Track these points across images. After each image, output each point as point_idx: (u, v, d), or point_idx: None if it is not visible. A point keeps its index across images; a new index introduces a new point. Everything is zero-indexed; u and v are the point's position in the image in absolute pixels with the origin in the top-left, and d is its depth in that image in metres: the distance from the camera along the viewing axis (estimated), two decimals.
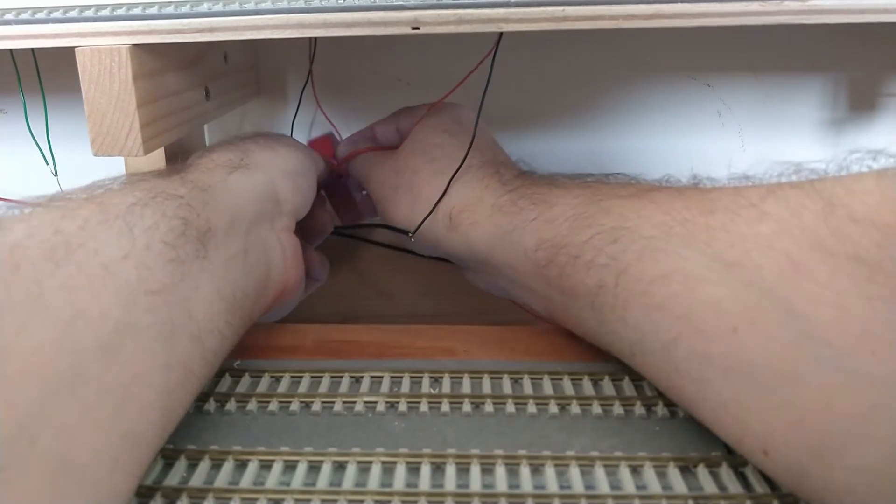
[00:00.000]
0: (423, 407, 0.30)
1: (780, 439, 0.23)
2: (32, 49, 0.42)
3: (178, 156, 0.40)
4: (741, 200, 0.26)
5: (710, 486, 0.25)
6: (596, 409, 0.30)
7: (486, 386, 0.32)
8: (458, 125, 0.41)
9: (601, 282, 0.29)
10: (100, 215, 0.25)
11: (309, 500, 0.25)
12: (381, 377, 0.32)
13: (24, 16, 0.35)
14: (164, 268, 0.26)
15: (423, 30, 0.33)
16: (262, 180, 0.35)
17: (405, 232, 0.45)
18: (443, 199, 0.38)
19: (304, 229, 0.44)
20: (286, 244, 0.36)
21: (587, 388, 0.31)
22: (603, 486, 0.25)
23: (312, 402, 0.30)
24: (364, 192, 0.47)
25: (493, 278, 0.37)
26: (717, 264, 0.25)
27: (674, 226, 0.27)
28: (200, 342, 0.27)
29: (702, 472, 0.26)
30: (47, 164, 0.50)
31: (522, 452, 0.27)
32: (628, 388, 0.31)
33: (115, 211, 0.26)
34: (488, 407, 0.30)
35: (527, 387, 0.31)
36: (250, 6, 0.34)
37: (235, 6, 0.34)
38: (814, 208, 0.24)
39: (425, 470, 0.26)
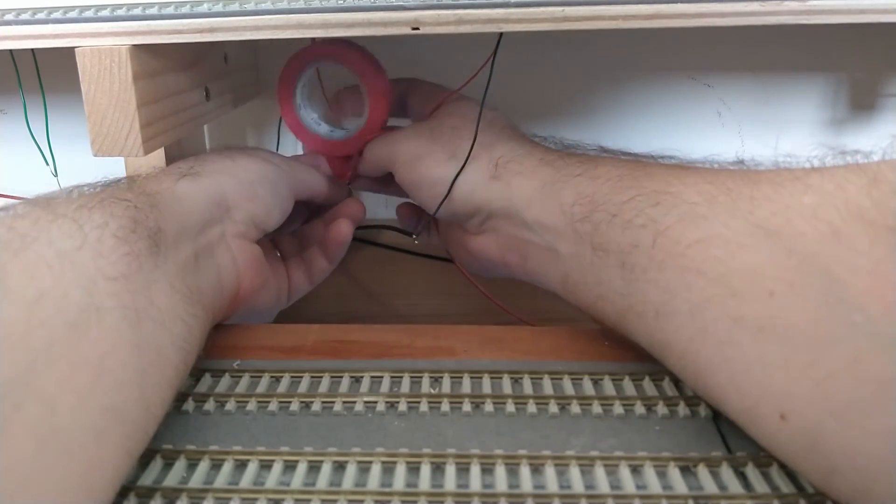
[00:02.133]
0: (423, 407, 0.30)
1: (802, 399, 0.23)
2: (32, 49, 0.42)
3: (178, 157, 0.40)
4: (786, 174, 0.27)
5: (710, 486, 0.25)
6: (596, 408, 0.30)
7: (486, 386, 0.32)
8: (493, 107, 0.42)
9: (637, 241, 0.30)
10: (49, 215, 0.26)
11: (309, 500, 0.25)
12: (381, 377, 0.32)
13: (24, 16, 0.35)
14: (120, 259, 0.26)
15: (423, 30, 0.33)
16: (211, 186, 0.36)
17: (409, 234, 0.45)
18: (490, 149, 0.38)
19: (319, 240, 0.45)
20: (237, 250, 0.36)
21: (587, 387, 0.31)
22: (603, 485, 0.25)
23: (312, 402, 0.30)
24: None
25: (509, 244, 0.38)
26: (759, 231, 0.26)
27: (717, 194, 0.28)
28: (166, 327, 0.27)
29: (702, 472, 0.26)
30: (47, 164, 0.50)
31: (522, 452, 0.27)
32: (628, 387, 0.31)
33: (63, 211, 0.27)
34: (488, 407, 0.30)
35: (527, 387, 0.31)
36: (250, 6, 0.34)
37: (235, 6, 0.35)
38: (858, 183, 0.24)
39: (425, 470, 0.26)
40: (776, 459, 0.26)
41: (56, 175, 0.50)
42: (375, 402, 0.30)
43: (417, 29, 0.33)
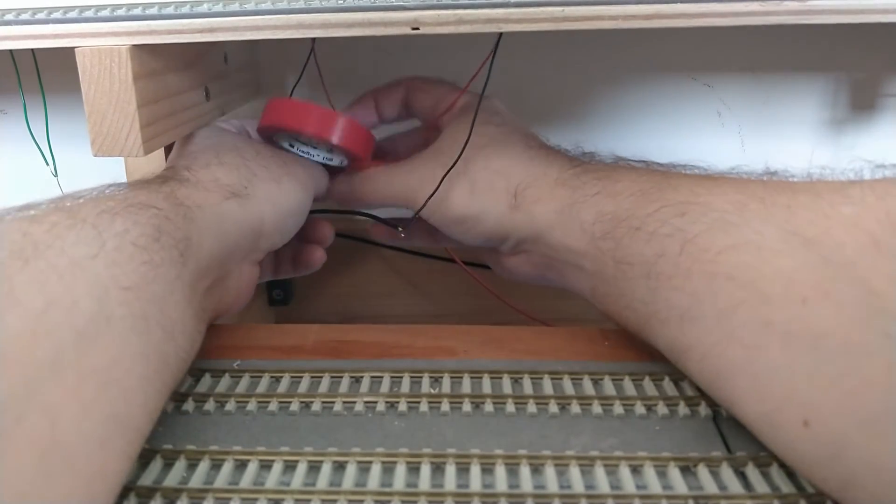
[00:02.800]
0: (423, 407, 0.30)
1: (828, 409, 0.23)
2: (32, 49, 0.42)
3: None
4: (823, 185, 0.27)
5: (710, 486, 0.25)
6: (596, 408, 0.30)
7: (486, 386, 0.32)
8: (499, 115, 0.41)
9: (662, 251, 0.29)
10: (68, 220, 0.26)
11: (309, 500, 0.25)
12: (381, 377, 0.32)
13: (25, 16, 0.35)
14: (137, 269, 0.26)
15: (423, 30, 0.33)
16: (254, 215, 0.35)
17: (396, 227, 0.45)
18: (507, 177, 0.37)
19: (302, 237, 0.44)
20: (246, 274, 0.37)
21: (587, 387, 0.31)
22: (603, 485, 0.25)
23: (312, 402, 0.30)
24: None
25: (542, 262, 0.38)
26: (795, 238, 0.25)
27: (749, 203, 0.28)
28: (173, 338, 0.27)
29: (702, 472, 0.26)
30: (47, 164, 0.50)
31: (522, 452, 0.27)
32: (628, 387, 0.31)
33: (83, 216, 0.26)
34: (488, 407, 0.30)
35: (527, 387, 0.31)
36: (250, 6, 0.34)
37: (235, 6, 0.34)
38: None
39: (425, 470, 0.26)
40: (776, 459, 0.26)
41: (56, 175, 0.50)
42: (375, 402, 0.30)
43: (417, 29, 0.33)
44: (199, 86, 0.42)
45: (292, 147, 0.42)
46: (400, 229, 0.44)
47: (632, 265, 0.31)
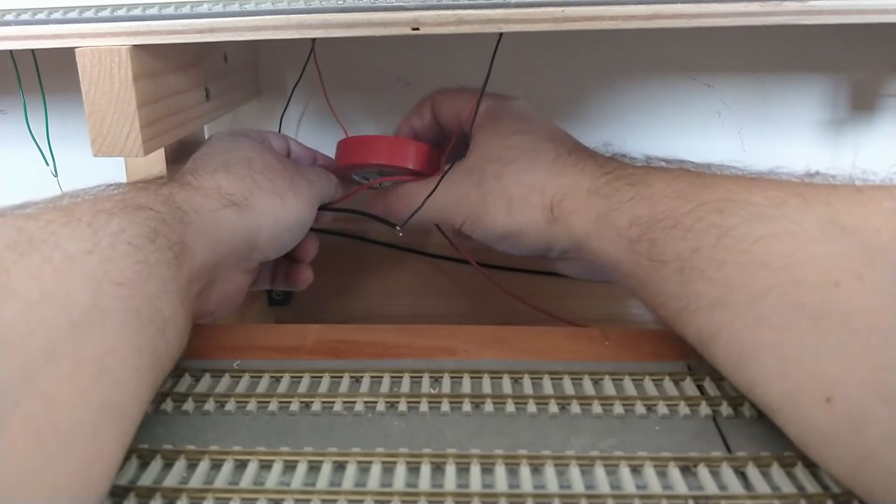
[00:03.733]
0: (423, 407, 0.30)
1: (852, 385, 0.23)
2: (32, 50, 0.42)
3: (178, 157, 0.40)
4: (867, 185, 0.27)
5: (710, 486, 0.25)
6: (596, 408, 0.30)
7: (486, 386, 0.32)
8: (524, 122, 0.41)
9: (697, 245, 0.29)
10: (63, 218, 0.26)
11: (309, 500, 0.25)
12: (381, 377, 0.32)
13: (25, 17, 0.35)
14: (131, 267, 0.27)
15: (423, 30, 0.33)
16: (251, 226, 0.36)
17: (393, 225, 0.45)
18: (542, 191, 0.37)
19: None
20: (234, 281, 0.37)
21: (587, 387, 0.31)
22: (603, 486, 0.25)
23: (312, 402, 0.30)
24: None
25: (587, 265, 0.38)
26: (833, 226, 0.26)
27: (788, 199, 0.28)
28: (165, 335, 0.28)
29: (702, 472, 0.26)
30: (47, 164, 0.50)
31: (522, 452, 0.27)
32: (628, 387, 0.31)
33: (80, 215, 0.27)
34: (488, 407, 0.30)
35: (527, 387, 0.31)
36: (250, 6, 0.34)
37: (235, 6, 0.35)
38: None
39: (425, 470, 0.26)
40: (777, 459, 0.26)
41: (56, 175, 0.51)
42: (375, 402, 0.30)
43: (417, 29, 0.33)
44: (199, 86, 0.42)
45: (366, 179, 0.45)
46: (398, 228, 0.44)
47: (665, 262, 0.31)
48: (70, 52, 0.35)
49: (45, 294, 0.23)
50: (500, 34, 0.37)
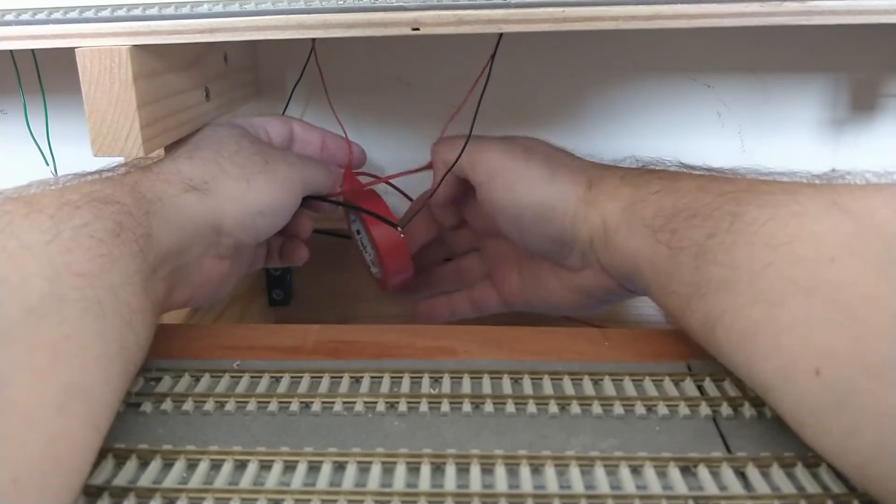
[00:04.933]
0: (423, 407, 0.30)
1: (839, 355, 0.24)
2: (32, 49, 0.42)
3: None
4: (876, 181, 0.29)
5: (710, 487, 0.25)
6: (596, 409, 0.30)
7: (486, 386, 0.32)
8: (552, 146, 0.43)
9: (713, 231, 0.30)
10: (23, 209, 0.27)
11: (309, 500, 0.25)
12: (381, 377, 0.32)
13: (25, 17, 0.35)
14: (93, 259, 0.27)
15: (423, 31, 0.33)
16: (214, 209, 0.35)
17: (393, 224, 0.45)
18: (582, 170, 0.39)
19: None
20: (208, 268, 0.36)
21: (587, 388, 0.31)
22: (603, 486, 0.25)
23: (312, 402, 0.30)
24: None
25: (606, 276, 0.38)
26: (836, 210, 0.27)
27: (802, 188, 0.29)
28: (132, 326, 0.28)
29: (702, 472, 0.26)
30: (47, 164, 0.50)
31: (522, 452, 0.27)
32: (628, 387, 0.31)
33: (42, 207, 0.27)
34: (488, 407, 0.30)
35: (527, 387, 0.31)
36: (250, 6, 0.34)
37: (235, 6, 0.35)
38: None
39: (425, 470, 0.26)
40: (777, 459, 0.26)
41: (56, 175, 0.50)
42: (375, 403, 0.30)
43: (417, 29, 0.33)
44: (199, 86, 0.42)
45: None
46: (400, 229, 0.44)
47: (683, 249, 0.32)
48: (70, 52, 0.35)
49: (0, 280, 0.23)
50: (500, 34, 0.37)
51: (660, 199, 0.34)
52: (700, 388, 0.31)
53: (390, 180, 0.49)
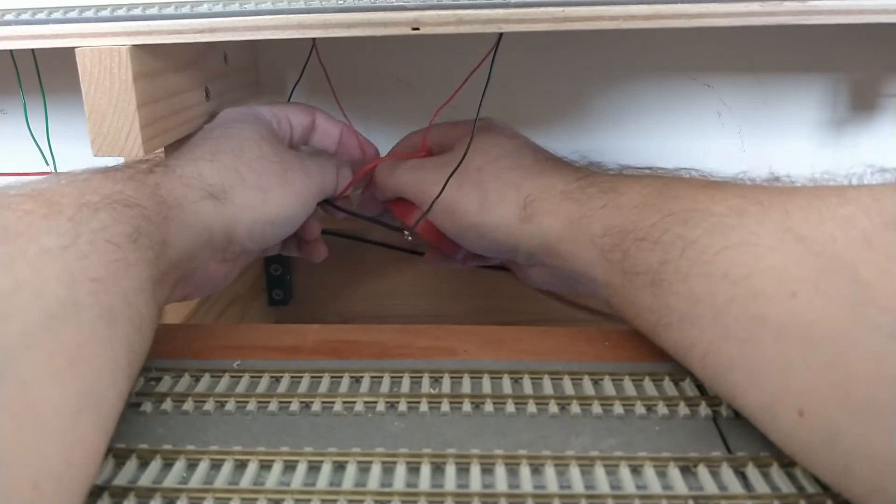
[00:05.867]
0: (423, 407, 0.30)
1: (820, 398, 0.23)
2: (32, 49, 0.42)
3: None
4: (822, 189, 0.27)
5: (710, 486, 0.25)
6: (596, 409, 0.30)
7: (486, 386, 0.32)
8: (511, 131, 0.42)
9: (665, 257, 0.30)
10: (43, 210, 0.26)
11: (309, 500, 0.25)
12: (381, 377, 0.32)
13: (25, 16, 0.35)
14: (108, 265, 0.27)
15: (423, 30, 0.33)
16: (229, 219, 0.35)
17: (400, 230, 0.45)
18: (517, 187, 0.38)
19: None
20: (209, 271, 0.37)
21: (587, 387, 0.31)
22: (603, 486, 0.25)
23: (312, 402, 0.30)
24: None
25: (558, 272, 0.38)
26: (789, 236, 0.26)
27: (748, 207, 0.28)
28: (140, 331, 0.28)
29: (702, 472, 0.26)
30: (47, 164, 0.50)
31: (522, 452, 0.27)
32: (628, 387, 0.31)
33: (60, 209, 0.27)
34: (488, 407, 0.30)
35: (527, 387, 0.31)
36: (250, 7, 0.34)
37: (235, 7, 0.35)
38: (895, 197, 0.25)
39: (425, 470, 0.26)
40: (776, 459, 0.26)
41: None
42: (375, 403, 0.30)
43: (417, 29, 0.33)
44: (199, 86, 0.42)
45: None
46: (406, 233, 0.44)
47: (638, 275, 0.31)
48: (70, 52, 0.35)
49: (20, 284, 0.23)
50: (500, 34, 0.37)
51: (605, 216, 0.34)
52: (700, 387, 0.31)
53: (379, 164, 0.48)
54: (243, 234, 0.36)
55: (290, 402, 0.30)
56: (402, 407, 0.30)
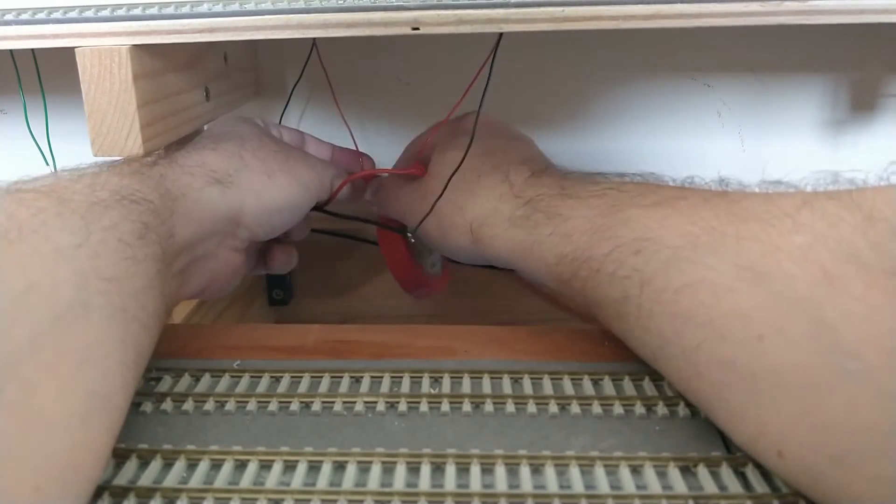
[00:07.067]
0: (423, 407, 0.30)
1: (798, 443, 0.23)
2: (32, 49, 0.42)
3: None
4: (774, 210, 0.26)
5: (710, 486, 0.25)
6: (596, 409, 0.30)
7: (486, 386, 0.32)
8: (466, 137, 0.41)
9: (625, 293, 0.29)
10: (56, 208, 0.26)
11: (309, 500, 0.25)
12: (381, 377, 0.32)
13: (25, 16, 0.35)
14: (119, 263, 0.27)
15: (423, 30, 0.33)
16: (235, 203, 0.35)
17: (403, 232, 0.45)
18: (462, 213, 0.38)
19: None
20: (223, 261, 0.37)
21: (587, 387, 0.31)
22: (603, 486, 0.25)
23: (312, 402, 0.30)
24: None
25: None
26: (747, 274, 0.25)
27: (700, 235, 0.27)
28: (148, 330, 0.28)
29: (702, 472, 0.26)
30: (47, 164, 0.50)
31: (522, 452, 0.27)
32: (628, 387, 0.31)
33: (73, 206, 0.27)
34: (488, 407, 0.30)
35: (527, 387, 0.31)
36: (250, 6, 0.34)
37: (235, 7, 0.35)
38: (852, 221, 0.23)
39: (425, 470, 0.26)
40: None
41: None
42: (375, 402, 0.30)
43: (417, 29, 0.33)
44: (199, 86, 0.42)
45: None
46: (409, 235, 0.44)
47: (601, 307, 0.31)
48: (70, 52, 0.35)
49: (32, 285, 0.23)
50: (500, 34, 0.37)
51: (555, 245, 0.33)
52: None
53: (376, 174, 0.48)
54: (250, 218, 0.36)
55: (290, 402, 0.30)
56: (402, 407, 0.30)
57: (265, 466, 0.26)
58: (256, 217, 0.37)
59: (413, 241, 0.45)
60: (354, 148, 0.48)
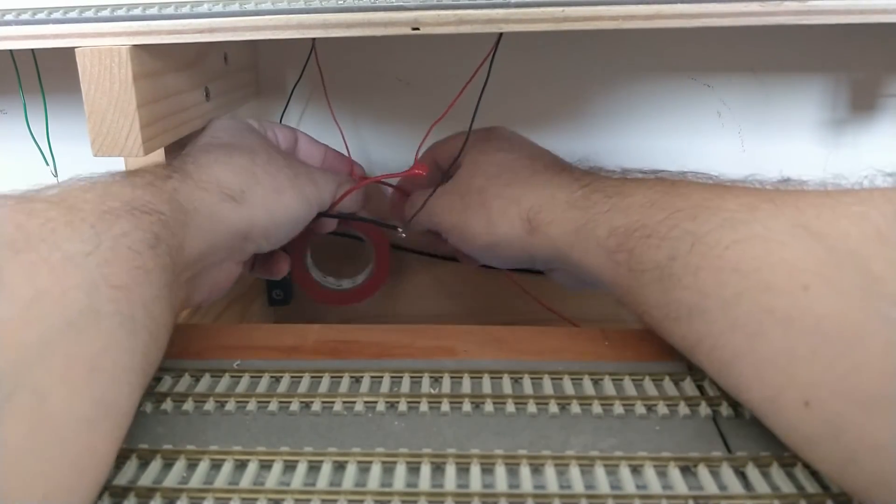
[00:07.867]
0: (423, 407, 0.30)
1: (827, 389, 0.23)
2: (32, 49, 0.42)
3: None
4: (834, 189, 0.28)
5: (710, 486, 0.25)
6: (596, 408, 0.30)
7: (486, 386, 0.32)
8: (508, 142, 0.43)
9: (674, 253, 0.30)
10: (66, 216, 0.26)
11: (309, 500, 0.25)
12: (381, 377, 0.32)
13: (25, 16, 0.35)
14: (129, 271, 0.27)
15: (423, 30, 0.33)
16: (246, 219, 0.36)
17: (394, 227, 0.45)
18: (518, 202, 0.38)
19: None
20: (223, 272, 0.37)
21: (587, 387, 0.31)
22: (603, 485, 0.25)
23: (312, 402, 0.30)
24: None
25: (575, 275, 0.39)
26: (802, 231, 0.26)
27: (759, 204, 0.28)
28: (156, 338, 0.28)
29: (702, 472, 0.26)
30: (47, 164, 0.50)
31: (522, 452, 0.27)
32: (629, 387, 0.31)
33: (83, 215, 0.27)
34: (488, 407, 0.30)
35: (527, 387, 0.31)
36: (250, 6, 0.34)
37: (235, 7, 0.35)
38: None
39: (425, 470, 0.26)
40: (777, 459, 0.26)
41: (56, 175, 0.50)
42: (375, 402, 0.30)
43: (417, 29, 0.33)
44: (199, 86, 0.42)
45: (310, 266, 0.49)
46: (400, 230, 0.44)
47: (644, 272, 0.31)
48: (70, 52, 0.35)
49: (41, 292, 0.23)
50: (500, 34, 0.37)
51: (610, 219, 0.34)
52: (700, 387, 0.31)
53: (381, 181, 0.49)
54: (259, 233, 0.37)
55: (290, 402, 0.30)
56: (403, 407, 0.30)
57: (265, 466, 0.27)
58: (265, 232, 0.38)
59: (404, 235, 0.46)
60: (347, 154, 0.49)
